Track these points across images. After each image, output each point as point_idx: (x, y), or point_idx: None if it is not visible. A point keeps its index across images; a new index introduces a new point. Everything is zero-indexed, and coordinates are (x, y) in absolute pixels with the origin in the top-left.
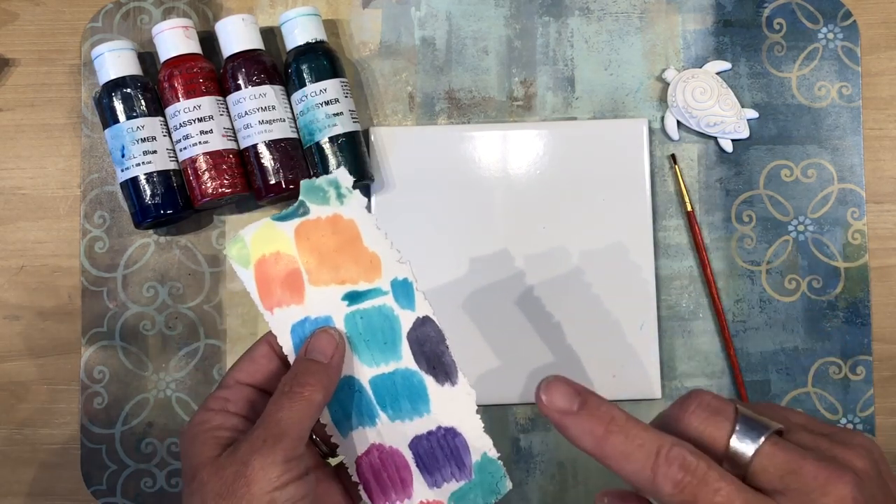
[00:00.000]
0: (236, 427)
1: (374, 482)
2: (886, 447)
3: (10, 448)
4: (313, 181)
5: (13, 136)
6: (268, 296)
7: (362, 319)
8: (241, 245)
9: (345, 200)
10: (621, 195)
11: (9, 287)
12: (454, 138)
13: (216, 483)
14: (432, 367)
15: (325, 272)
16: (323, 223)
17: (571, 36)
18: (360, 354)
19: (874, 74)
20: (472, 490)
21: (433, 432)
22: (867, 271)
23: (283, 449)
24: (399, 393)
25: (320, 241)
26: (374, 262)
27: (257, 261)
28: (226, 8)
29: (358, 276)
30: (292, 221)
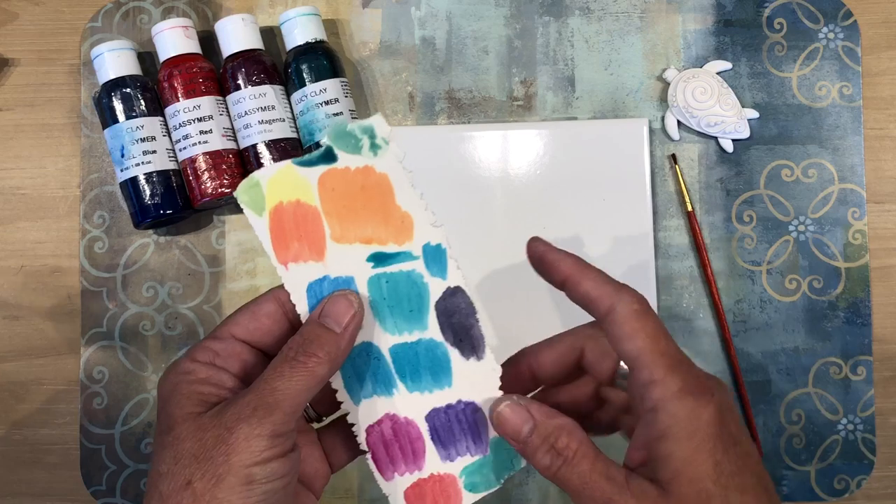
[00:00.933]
0: (223, 384)
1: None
2: (887, 447)
3: (9, 448)
4: (345, 125)
5: (13, 136)
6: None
7: (388, 284)
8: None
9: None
10: (621, 195)
11: (9, 287)
12: (454, 138)
13: (194, 444)
14: (459, 340)
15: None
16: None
17: (572, 36)
18: (382, 321)
19: (875, 74)
20: (486, 465)
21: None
22: (868, 271)
23: (272, 422)
24: (421, 364)
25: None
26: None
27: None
28: (226, 8)
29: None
30: (317, 168)
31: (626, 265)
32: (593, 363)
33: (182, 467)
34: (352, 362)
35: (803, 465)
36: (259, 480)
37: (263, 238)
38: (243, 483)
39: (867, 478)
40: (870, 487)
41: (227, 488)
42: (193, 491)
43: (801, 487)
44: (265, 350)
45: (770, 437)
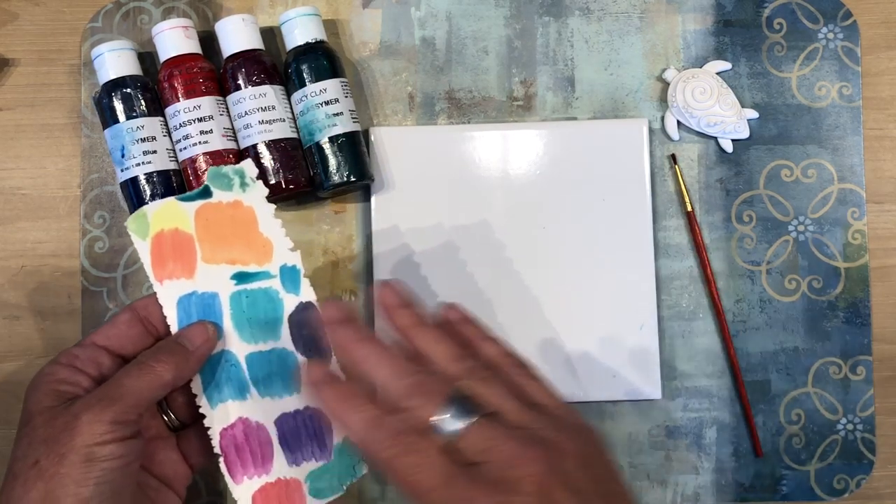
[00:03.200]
0: (79, 384)
1: (235, 454)
2: (886, 447)
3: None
4: (220, 168)
5: (13, 136)
6: (160, 267)
7: (247, 298)
8: (142, 218)
9: (247, 189)
10: (621, 195)
11: (9, 287)
12: (454, 138)
13: (46, 430)
14: (308, 350)
15: (219, 251)
16: (223, 207)
17: (571, 36)
18: (240, 331)
19: (874, 74)
20: (330, 471)
21: (300, 412)
22: (867, 271)
23: (114, 411)
24: (273, 371)
25: (218, 223)
26: (266, 247)
27: (155, 234)
28: (226, 8)
29: (249, 259)
30: (195, 202)
31: (626, 265)
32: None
33: (33, 450)
34: (210, 369)
35: (803, 465)
36: (98, 459)
37: (145, 259)
38: (83, 461)
39: (867, 478)
40: (869, 487)
41: (68, 465)
42: (40, 468)
43: (800, 487)
44: (123, 355)
45: (770, 436)
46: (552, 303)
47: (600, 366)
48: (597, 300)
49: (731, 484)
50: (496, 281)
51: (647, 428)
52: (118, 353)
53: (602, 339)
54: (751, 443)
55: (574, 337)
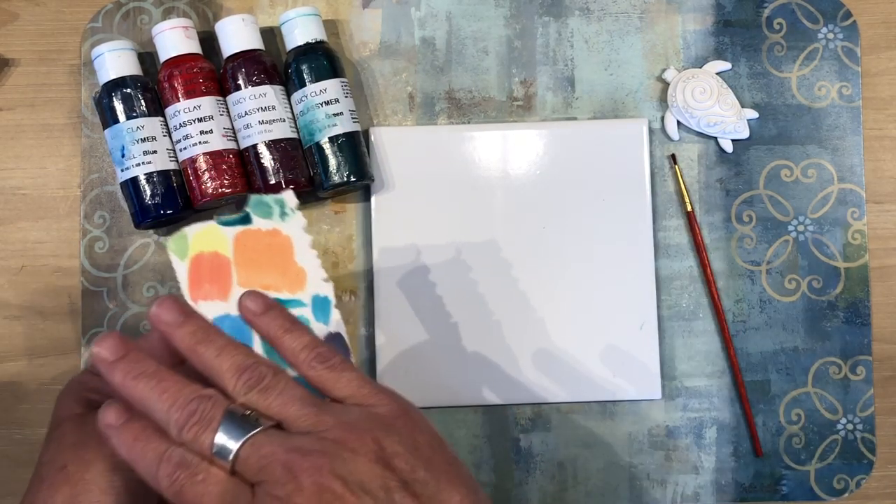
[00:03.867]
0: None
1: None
2: (886, 447)
3: (9, 448)
4: (262, 196)
5: (13, 136)
6: (196, 288)
7: None
8: (182, 239)
9: (287, 218)
10: (621, 195)
11: (9, 287)
12: (454, 138)
13: (74, 436)
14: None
15: (254, 277)
16: (262, 234)
17: (571, 36)
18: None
19: (874, 74)
20: None
21: None
22: (867, 271)
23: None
24: None
25: (256, 249)
26: (300, 276)
27: (194, 255)
28: (226, 8)
29: (283, 286)
30: (235, 227)
31: (626, 265)
32: None
33: (61, 455)
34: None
35: (803, 465)
36: (124, 468)
37: (182, 279)
38: (109, 469)
39: (867, 477)
40: (869, 487)
41: (95, 472)
42: (67, 473)
43: (800, 487)
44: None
45: (769, 436)
46: (552, 303)
47: (600, 366)
48: (597, 300)
49: (731, 484)
50: (496, 281)
51: (647, 428)
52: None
53: (602, 339)
54: (751, 443)
55: (574, 337)
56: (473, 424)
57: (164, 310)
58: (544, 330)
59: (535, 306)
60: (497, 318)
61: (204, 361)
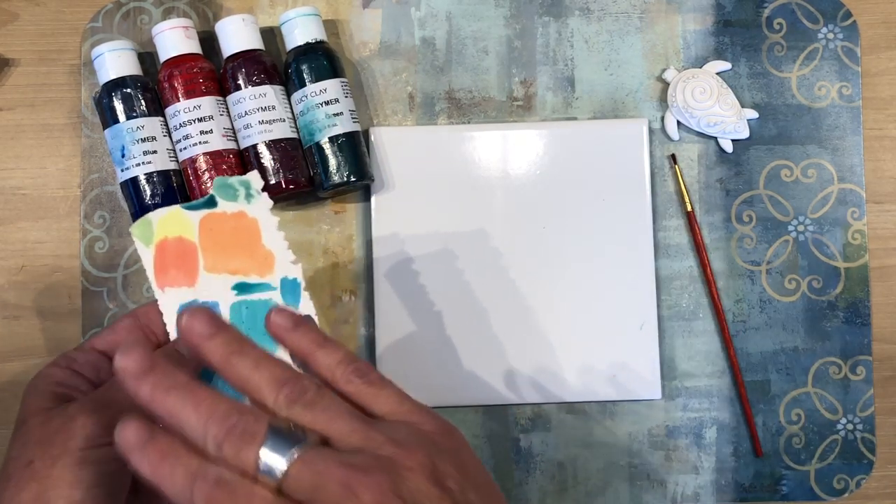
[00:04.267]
0: (76, 387)
1: None
2: (886, 447)
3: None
4: (226, 179)
5: (13, 136)
6: (162, 275)
7: (247, 310)
8: (147, 225)
9: (252, 201)
10: (621, 195)
11: (9, 287)
12: (454, 138)
13: (41, 431)
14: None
15: (221, 261)
16: (227, 217)
17: (571, 36)
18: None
19: (874, 74)
20: None
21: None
22: (867, 271)
23: (109, 414)
24: None
25: (222, 233)
26: (268, 259)
27: (159, 241)
28: (226, 8)
29: (251, 270)
30: (200, 211)
31: (626, 265)
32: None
33: (27, 451)
34: (207, 377)
35: (803, 465)
36: (92, 462)
37: (147, 266)
38: (76, 463)
39: (867, 477)
40: (869, 487)
41: (61, 466)
42: (33, 469)
43: (800, 487)
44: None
45: (769, 436)
46: (552, 303)
47: (600, 366)
48: (597, 300)
49: (731, 484)
50: (496, 281)
51: (647, 428)
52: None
53: (602, 339)
54: (751, 443)
55: (574, 337)
56: (473, 424)
57: (196, 320)
58: (544, 330)
59: (534, 306)
60: (496, 317)
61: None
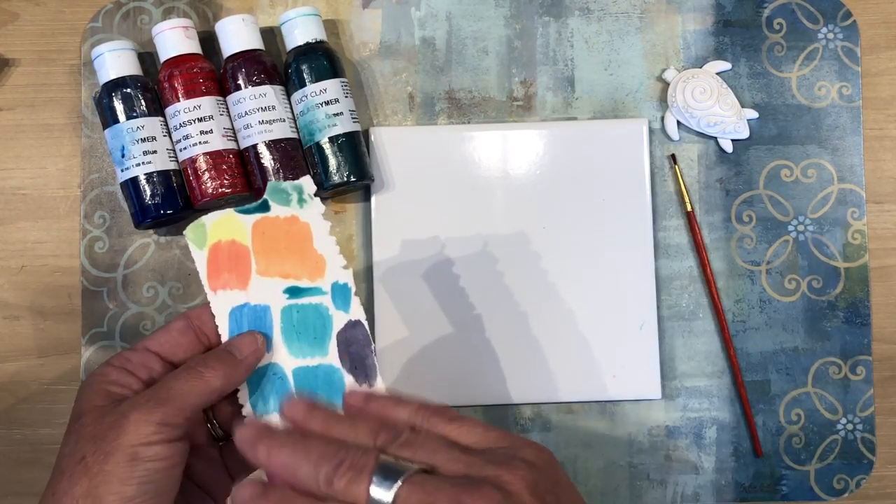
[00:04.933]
0: (129, 385)
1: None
2: (886, 447)
3: (10, 448)
4: (280, 183)
5: (13, 136)
6: (215, 277)
7: (298, 313)
8: (200, 229)
9: (305, 205)
10: (621, 195)
11: (9, 287)
12: (454, 138)
13: (94, 427)
14: (354, 368)
15: (273, 265)
16: (280, 221)
17: (571, 36)
18: (289, 345)
19: (874, 74)
20: None
21: None
22: (867, 271)
23: (162, 412)
24: (319, 386)
25: (274, 237)
26: (319, 263)
27: (212, 245)
28: (226, 8)
29: (302, 274)
30: (253, 215)
31: (626, 265)
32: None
33: (80, 447)
34: (258, 380)
35: (803, 465)
36: (143, 459)
37: (201, 268)
38: (128, 460)
39: (867, 477)
40: (869, 487)
41: (113, 462)
42: (86, 465)
43: (800, 487)
44: (173, 362)
45: (769, 436)
46: (552, 303)
47: (600, 366)
48: (597, 300)
49: (731, 484)
50: (496, 281)
51: (647, 428)
52: (169, 360)
53: (602, 339)
54: (751, 443)
55: (574, 337)
56: None
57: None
58: (544, 330)
59: (534, 306)
60: (497, 317)
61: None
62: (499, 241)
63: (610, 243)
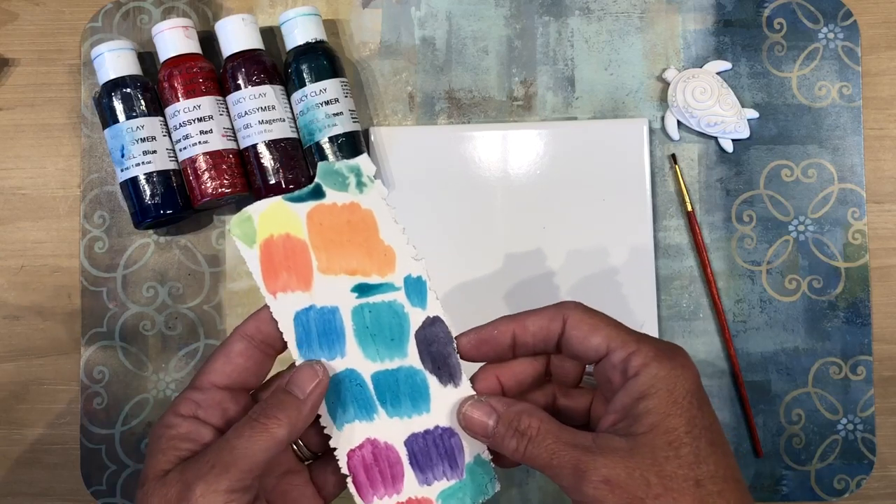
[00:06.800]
0: (201, 439)
1: (364, 475)
2: (886, 447)
3: (10, 448)
4: (333, 164)
5: (13, 136)
6: (272, 279)
7: (371, 313)
8: (247, 222)
9: (365, 189)
10: (621, 195)
11: (9, 287)
12: (454, 138)
13: (158, 499)
14: (437, 368)
15: (337, 260)
16: (339, 209)
17: (571, 36)
18: (364, 348)
19: (874, 74)
20: (462, 489)
21: (430, 431)
22: (867, 271)
23: (229, 478)
24: (401, 390)
25: (334, 228)
26: (388, 255)
27: (264, 241)
28: (226, 8)
29: (370, 269)
30: (306, 203)
31: (626, 265)
32: (573, 334)
33: None
34: (335, 389)
35: (803, 465)
36: None
37: (254, 269)
38: None
39: (867, 478)
40: (869, 487)
41: None
42: None
43: (800, 487)
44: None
45: (770, 436)
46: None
47: None
48: (597, 300)
49: None
50: (496, 281)
51: None
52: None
53: None
54: (751, 443)
55: None
56: None
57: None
58: None
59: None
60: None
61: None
62: (499, 240)
63: (610, 243)
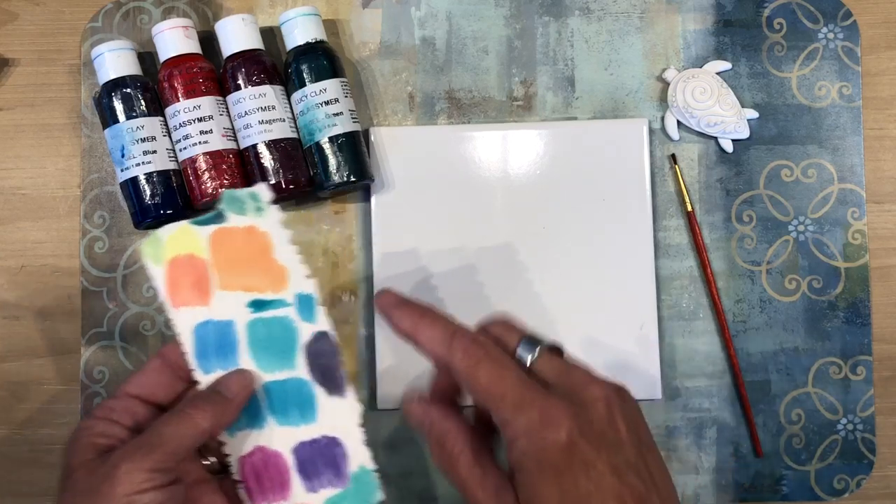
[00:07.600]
0: (116, 435)
1: (255, 481)
2: (886, 447)
3: (9, 448)
4: (234, 192)
5: (13, 136)
6: (176, 294)
7: (264, 327)
8: (157, 243)
9: (262, 213)
10: (621, 195)
11: (9, 287)
12: (454, 138)
13: (86, 482)
14: (324, 379)
15: (234, 278)
16: (238, 232)
17: (571, 36)
18: (257, 360)
19: (874, 74)
20: (347, 497)
21: (317, 440)
22: (867, 271)
23: (152, 459)
24: (289, 400)
25: (233, 249)
26: (282, 274)
27: (170, 260)
28: (226, 8)
29: (265, 286)
30: (209, 227)
31: (626, 265)
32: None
33: (76, 502)
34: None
35: (803, 465)
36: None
37: (159, 286)
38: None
39: (867, 478)
40: (869, 487)
41: None
42: None
43: (800, 487)
44: (156, 402)
45: (770, 436)
46: (552, 303)
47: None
48: (597, 300)
49: (731, 484)
50: (496, 281)
51: None
52: (151, 401)
53: (602, 339)
54: (751, 443)
55: (574, 337)
56: None
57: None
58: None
59: (534, 306)
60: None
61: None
62: (499, 241)
63: (610, 243)
